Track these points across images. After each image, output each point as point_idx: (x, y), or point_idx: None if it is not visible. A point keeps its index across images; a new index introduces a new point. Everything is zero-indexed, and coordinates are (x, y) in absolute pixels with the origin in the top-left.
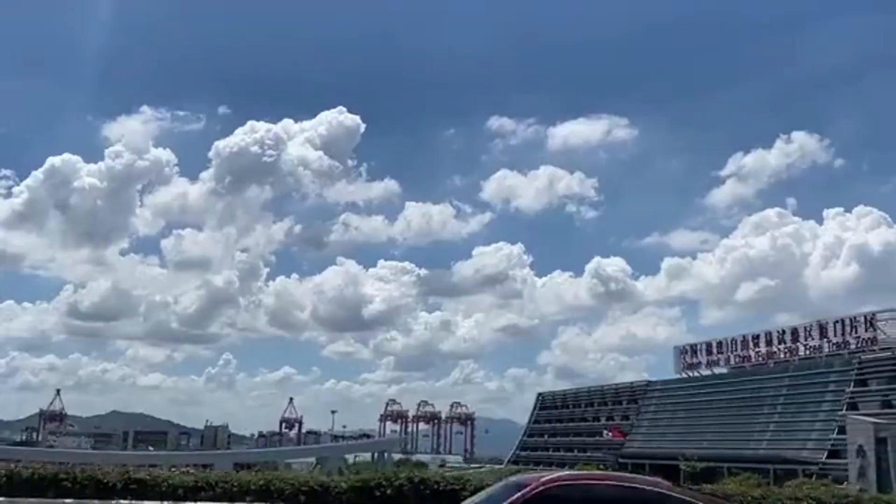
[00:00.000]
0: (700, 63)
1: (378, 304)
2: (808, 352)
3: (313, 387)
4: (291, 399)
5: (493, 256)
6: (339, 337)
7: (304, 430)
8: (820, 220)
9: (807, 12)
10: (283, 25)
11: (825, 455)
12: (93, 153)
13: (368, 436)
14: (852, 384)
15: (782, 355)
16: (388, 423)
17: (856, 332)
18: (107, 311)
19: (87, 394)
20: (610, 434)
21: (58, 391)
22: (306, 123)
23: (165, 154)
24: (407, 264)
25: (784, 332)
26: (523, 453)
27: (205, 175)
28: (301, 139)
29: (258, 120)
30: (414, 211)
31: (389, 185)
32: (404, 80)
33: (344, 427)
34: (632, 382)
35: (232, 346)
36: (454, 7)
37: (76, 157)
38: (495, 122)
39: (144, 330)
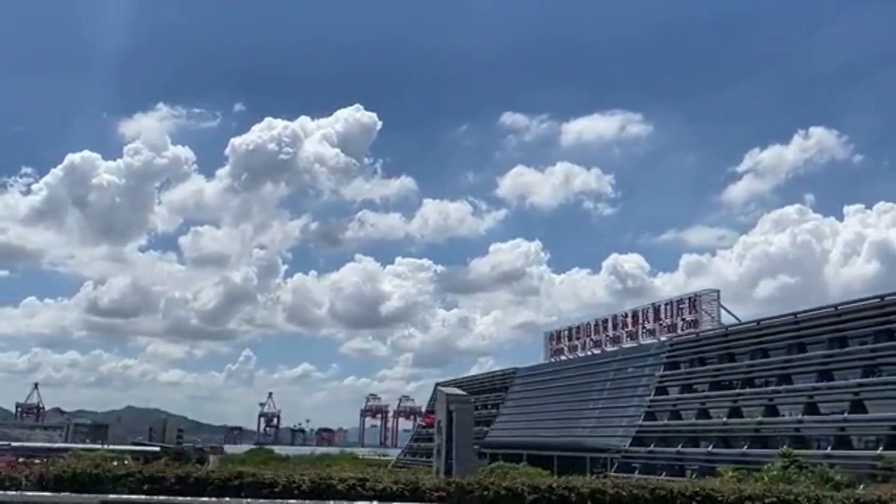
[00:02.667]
0: (714, 58)
1: (396, 301)
2: (645, 336)
3: (332, 383)
4: (270, 394)
5: (509, 253)
6: (357, 334)
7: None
8: (840, 217)
9: (823, 6)
10: (296, 23)
11: (629, 442)
12: (110, 150)
13: (241, 429)
14: (663, 368)
15: (625, 340)
16: (368, 419)
17: (682, 315)
18: (126, 308)
19: (107, 389)
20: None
21: (35, 385)
22: (323, 121)
23: (184, 151)
24: (424, 261)
25: (626, 315)
26: (416, 444)
27: (221, 172)
28: (318, 136)
29: (273, 117)
30: (431, 208)
31: (406, 183)
32: (418, 77)
33: (307, 421)
34: (503, 370)
35: (251, 342)
36: (467, 4)
37: (95, 155)
38: (508, 118)
39: (164, 326)
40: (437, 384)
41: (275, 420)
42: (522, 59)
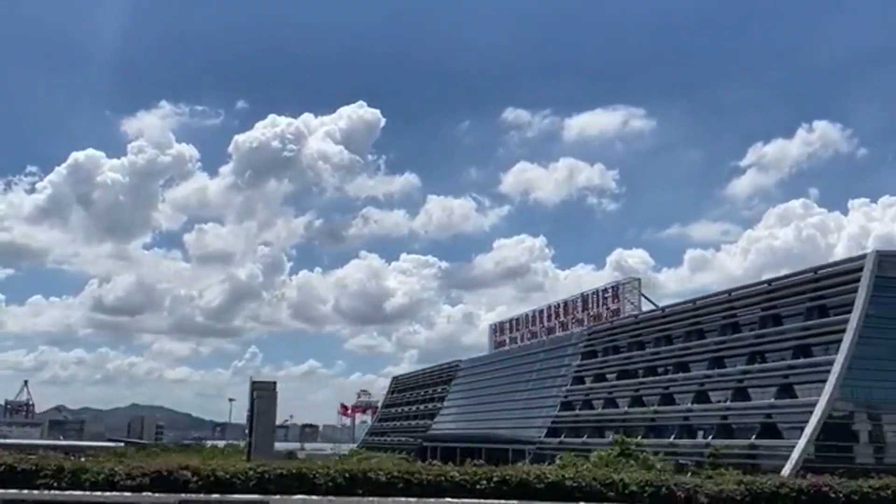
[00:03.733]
0: (717, 52)
1: (400, 298)
2: (574, 326)
3: (338, 380)
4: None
5: (513, 249)
6: (362, 330)
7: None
8: (845, 211)
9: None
10: (297, 21)
11: (544, 433)
12: (113, 148)
13: (225, 425)
14: (580, 357)
15: (558, 330)
16: (359, 415)
17: (606, 304)
18: (132, 306)
19: (114, 387)
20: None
21: (25, 382)
22: (326, 118)
23: (188, 149)
24: (429, 258)
25: (559, 305)
26: (370, 438)
27: (224, 170)
28: (321, 133)
29: (277, 115)
30: (435, 205)
31: (410, 179)
32: (421, 73)
33: (290, 417)
34: (449, 363)
35: (257, 339)
36: (468, 0)
37: (99, 153)
38: (511, 114)
39: (169, 324)
40: (394, 378)
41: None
42: (523, 54)
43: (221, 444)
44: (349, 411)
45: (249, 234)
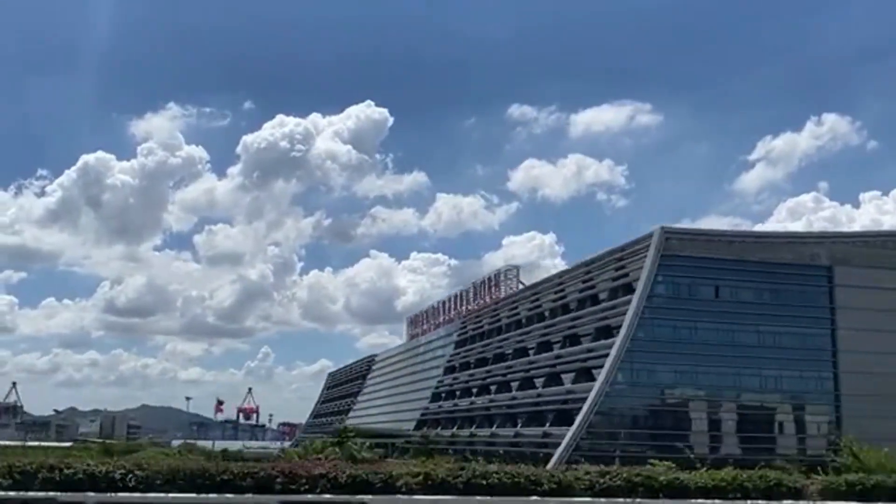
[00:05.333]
0: (724, 45)
1: (411, 296)
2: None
3: None
4: (250, 389)
5: (523, 246)
6: (373, 329)
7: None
8: (857, 204)
9: None
10: (303, 21)
11: (413, 426)
12: (121, 150)
13: (201, 423)
14: (453, 347)
15: (456, 320)
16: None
17: (490, 293)
18: (143, 307)
19: (128, 388)
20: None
21: (13, 384)
22: (334, 118)
23: (198, 151)
24: (439, 256)
25: (458, 295)
26: (303, 436)
27: (233, 170)
28: (329, 133)
29: (284, 115)
30: (444, 203)
31: (418, 178)
32: (427, 71)
33: (271, 416)
34: (366, 357)
35: (268, 339)
36: None
37: (109, 156)
38: (516, 111)
39: (181, 325)
40: (330, 373)
41: (253, 416)
42: (528, 50)
43: (207, 443)
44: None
45: (258, 235)
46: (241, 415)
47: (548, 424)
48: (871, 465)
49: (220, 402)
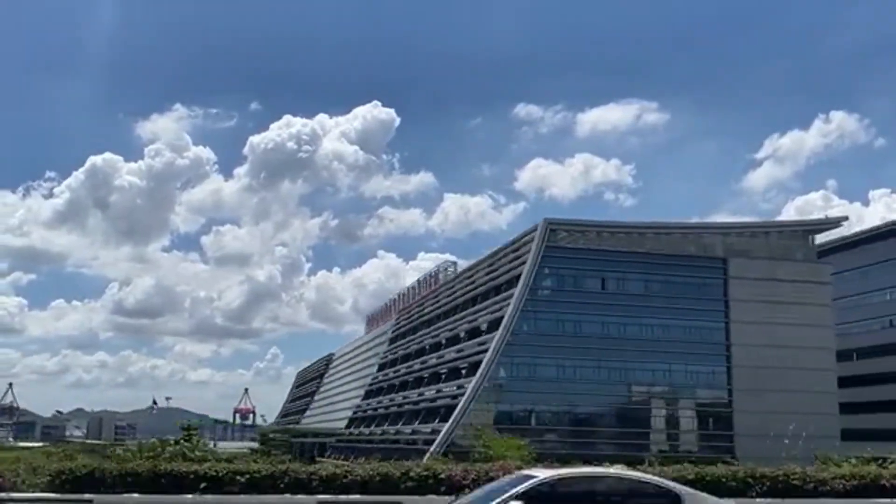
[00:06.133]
0: (730, 42)
1: None
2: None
3: None
4: (247, 390)
5: None
6: None
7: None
8: (866, 202)
9: None
10: (308, 21)
11: (345, 424)
12: (128, 152)
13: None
14: (388, 343)
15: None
16: None
17: (430, 286)
18: (152, 308)
19: (137, 389)
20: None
21: (10, 385)
22: (341, 118)
23: (205, 152)
24: (447, 256)
25: (406, 292)
26: (271, 435)
27: (240, 171)
28: (336, 133)
29: (291, 116)
30: (451, 203)
31: (425, 178)
32: (432, 70)
33: (263, 416)
34: (326, 355)
35: (277, 340)
36: None
37: (117, 157)
38: (522, 110)
39: (190, 326)
40: (299, 372)
41: (249, 416)
42: (533, 49)
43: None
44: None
45: (266, 236)
46: (237, 415)
47: (436, 421)
48: (499, 453)
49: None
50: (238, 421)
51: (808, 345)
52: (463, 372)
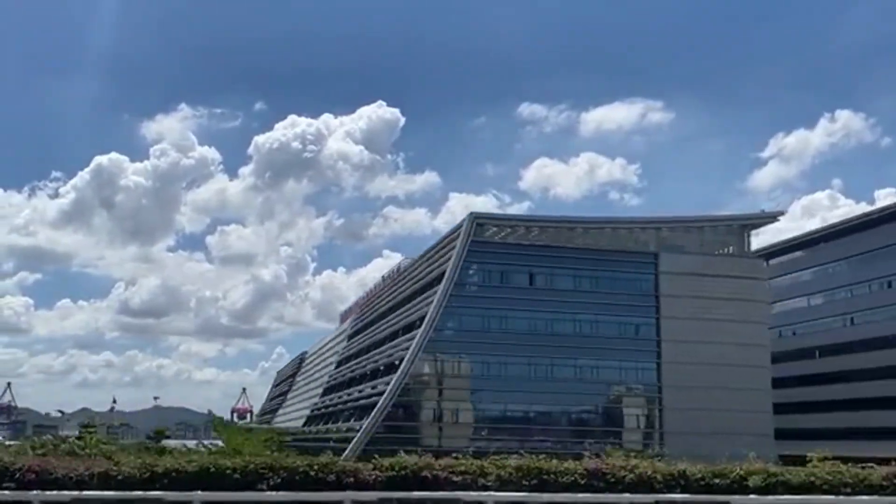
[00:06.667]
0: (735, 41)
1: None
2: None
3: None
4: (244, 390)
5: None
6: None
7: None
8: (872, 201)
9: None
10: (312, 21)
11: (303, 423)
12: (132, 152)
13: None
14: (346, 340)
15: None
16: None
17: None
18: (157, 308)
19: (143, 389)
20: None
21: (8, 384)
22: (346, 118)
23: (210, 152)
24: None
25: (373, 290)
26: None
27: (244, 171)
28: (341, 133)
29: (296, 115)
30: (457, 202)
31: (430, 178)
32: (437, 70)
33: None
34: (300, 354)
35: (282, 339)
36: None
37: (123, 157)
38: (526, 109)
39: (195, 325)
40: (278, 373)
41: (247, 416)
42: (537, 48)
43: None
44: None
45: (271, 235)
46: (235, 415)
47: (365, 419)
48: (233, 445)
49: None
50: (236, 420)
51: (741, 341)
52: (391, 370)
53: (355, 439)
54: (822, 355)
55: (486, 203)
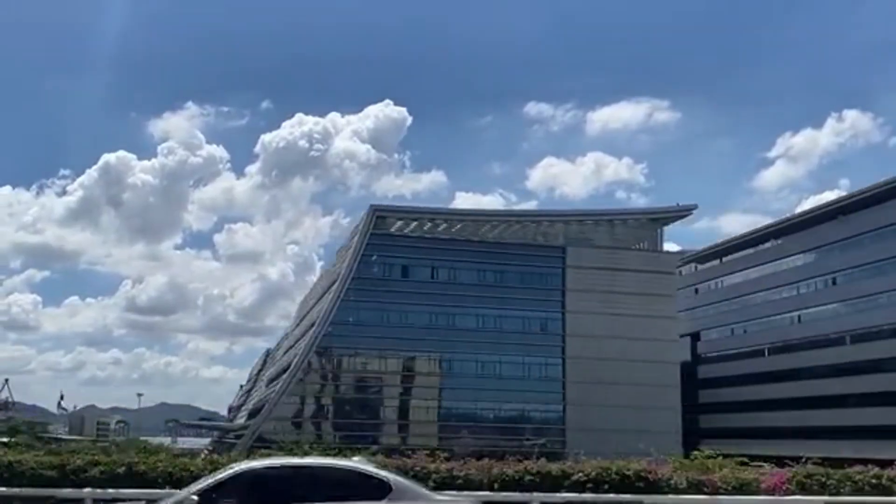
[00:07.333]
0: (742, 40)
1: None
2: None
3: None
4: (242, 387)
5: None
6: None
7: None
8: None
9: None
10: (320, 19)
11: (245, 417)
12: (139, 150)
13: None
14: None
15: None
16: None
17: None
18: (165, 306)
19: (150, 386)
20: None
21: (6, 380)
22: (353, 117)
23: (218, 150)
24: None
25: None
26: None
27: (251, 169)
28: (348, 132)
29: (303, 114)
30: (463, 202)
31: (436, 177)
32: (443, 69)
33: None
34: (268, 349)
35: None
36: None
37: (130, 155)
38: (533, 108)
39: (202, 323)
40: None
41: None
42: (543, 47)
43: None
44: None
45: (278, 234)
46: (231, 412)
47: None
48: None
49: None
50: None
51: (649, 336)
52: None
53: (245, 436)
54: (770, 353)
55: (492, 202)
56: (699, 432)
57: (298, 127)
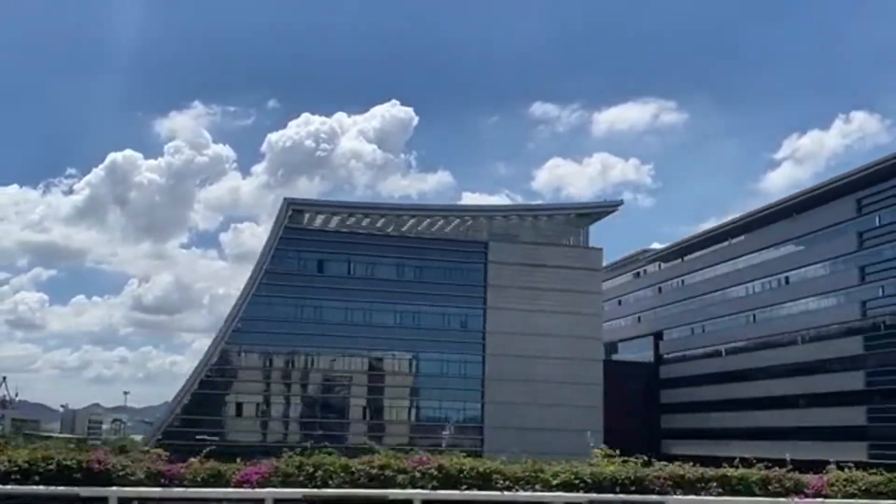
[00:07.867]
0: (749, 41)
1: None
2: None
3: None
4: None
5: None
6: None
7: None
8: None
9: None
10: (326, 19)
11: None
12: (145, 149)
13: None
14: None
15: None
16: None
17: None
18: (171, 305)
19: (157, 385)
20: None
21: (3, 378)
22: (359, 117)
23: (224, 150)
24: None
25: None
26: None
27: (257, 168)
28: (354, 132)
29: (309, 114)
30: (469, 202)
31: (443, 177)
32: (450, 69)
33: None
34: None
35: None
36: None
37: (137, 154)
38: (539, 109)
39: (208, 322)
40: None
41: None
42: (550, 47)
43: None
44: None
45: None
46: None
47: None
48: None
49: None
50: None
51: (572, 333)
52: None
53: (150, 432)
54: (726, 354)
55: (499, 203)
56: (661, 433)
57: (305, 126)
